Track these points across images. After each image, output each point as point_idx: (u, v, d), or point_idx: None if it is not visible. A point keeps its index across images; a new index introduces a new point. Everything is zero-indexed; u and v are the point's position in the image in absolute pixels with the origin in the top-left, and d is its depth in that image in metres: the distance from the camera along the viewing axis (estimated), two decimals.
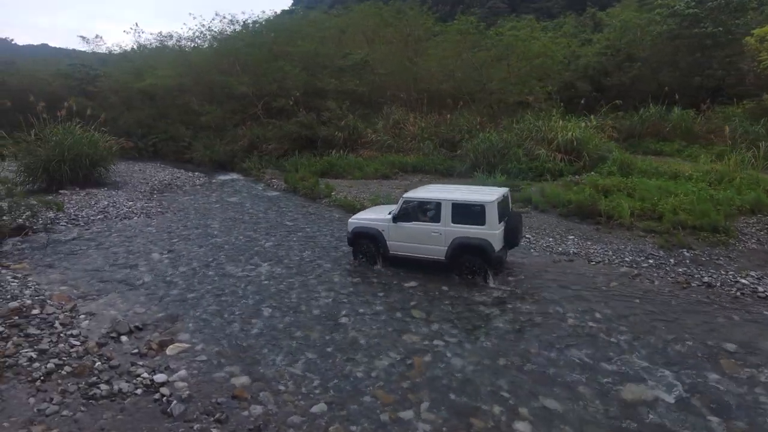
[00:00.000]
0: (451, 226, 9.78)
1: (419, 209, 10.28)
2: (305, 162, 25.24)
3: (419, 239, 10.15)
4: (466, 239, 9.64)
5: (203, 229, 14.45)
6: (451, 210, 9.74)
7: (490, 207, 9.42)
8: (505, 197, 10.39)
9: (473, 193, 10.25)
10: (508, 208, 10.58)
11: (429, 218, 10.13)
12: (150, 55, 38.43)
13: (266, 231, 14.17)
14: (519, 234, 10.41)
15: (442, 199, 9.90)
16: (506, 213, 10.17)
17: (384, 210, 11.42)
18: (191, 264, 11.40)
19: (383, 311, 8.77)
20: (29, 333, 7.75)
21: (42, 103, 20.93)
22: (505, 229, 9.83)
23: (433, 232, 9.96)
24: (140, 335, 7.90)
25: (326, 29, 33.84)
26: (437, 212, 9.94)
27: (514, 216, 10.39)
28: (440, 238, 9.90)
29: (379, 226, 10.68)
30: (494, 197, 9.59)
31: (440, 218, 9.89)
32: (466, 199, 9.76)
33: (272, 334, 7.98)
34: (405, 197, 10.43)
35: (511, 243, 10.22)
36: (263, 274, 10.73)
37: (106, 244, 12.96)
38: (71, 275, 10.65)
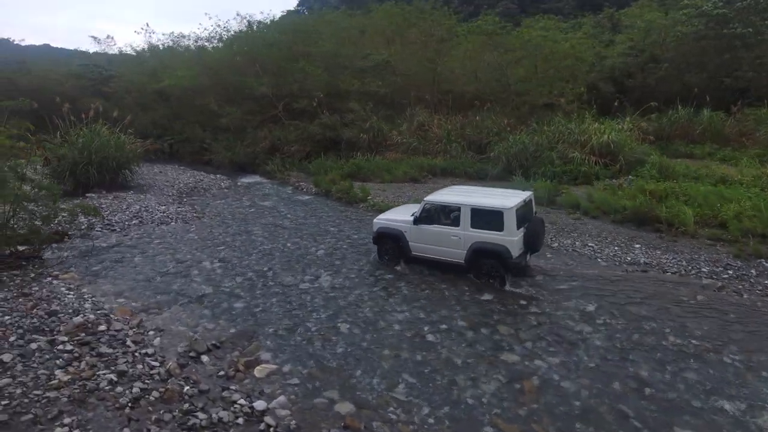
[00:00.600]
0: (470, 231, 9.84)
1: (440, 212, 10.40)
2: (331, 164, 24.76)
3: (439, 242, 10.27)
4: (485, 244, 9.69)
5: (246, 236, 13.95)
6: (471, 215, 9.80)
7: (509, 213, 9.40)
8: (528, 202, 10.31)
9: (494, 197, 10.22)
10: (531, 212, 10.50)
11: (449, 222, 10.22)
12: (165, 55, 37.83)
13: (312, 237, 13.68)
14: (540, 239, 10.37)
15: (462, 203, 9.96)
16: (527, 218, 10.08)
17: (409, 210, 11.46)
18: (246, 274, 10.91)
19: (467, 327, 8.29)
20: (101, 352, 7.26)
21: (66, 105, 20.42)
22: (525, 234, 9.75)
23: (453, 235, 10.05)
24: (219, 354, 7.41)
25: (345, 29, 33.29)
26: (457, 216, 10.02)
27: (535, 221, 10.26)
28: (459, 242, 9.99)
29: (402, 227, 10.83)
30: (513, 203, 9.56)
31: (460, 222, 9.96)
32: (486, 204, 9.76)
33: (358, 353, 7.50)
34: (426, 200, 10.54)
35: (532, 248, 10.20)
36: (325, 285, 10.24)
37: (149, 252, 12.46)
38: (124, 286, 10.15)
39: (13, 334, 7.66)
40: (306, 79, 28.97)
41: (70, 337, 7.68)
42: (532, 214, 10.48)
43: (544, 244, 12.24)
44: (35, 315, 8.24)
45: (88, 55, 56.63)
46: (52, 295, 9.14)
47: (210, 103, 30.53)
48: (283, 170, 26.06)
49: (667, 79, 29.19)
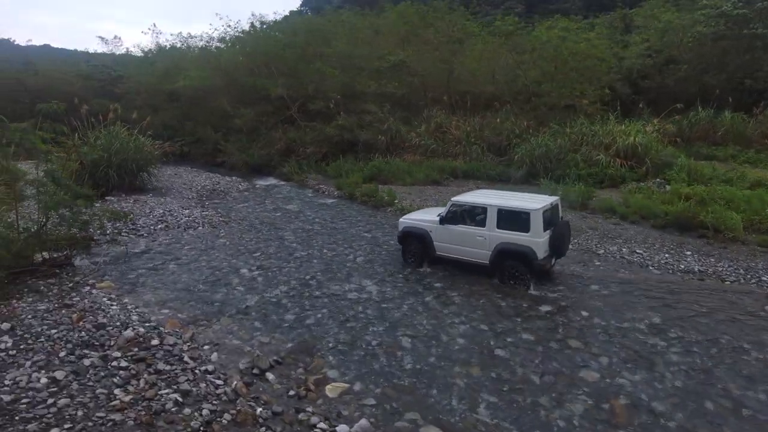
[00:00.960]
0: (496, 232, 9.85)
1: (466, 213, 10.45)
2: (349, 167, 24.40)
3: (464, 242, 10.34)
4: (510, 245, 9.70)
5: (279, 242, 13.58)
6: (497, 216, 9.82)
7: (536, 215, 9.40)
8: (554, 206, 10.26)
9: (520, 200, 10.21)
10: (558, 216, 10.42)
11: (475, 222, 10.27)
12: (177, 56, 37.42)
13: (347, 243, 13.31)
14: (566, 243, 10.35)
15: (489, 204, 10.00)
16: (554, 221, 10.05)
17: (434, 212, 11.57)
18: (289, 282, 10.54)
19: (534, 341, 7.93)
20: (159, 369, 6.89)
21: (84, 106, 20.02)
22: (550, 237, 9.70)
23: (478, 236, 10.09)
24: (283, 371, 7.04)
25: (358, 30, 32.93)
26: (483, 217, 10.06)
27: (561, 225, 10.18)
28: (485, 243, 10.02)
29: (427, 226, 10.91)
30: (541, 205, 9.56)
31: (485, 223, 9.99)
32: (512, 205, 9.78)
33: (428, 369, 7.13)
34: (453, 201, 10.65)
35: (558, 252, 10.12)
36: (374, 294, 9.88)
37: (183, 259, 12.08)
38: (165, 296, 9.78)
39: (62, 348, 7.30)
40: (322, 81, 28.63)
41: (123, 352, 7.31)
42: (558, 218, 10.39)
43: (593, 251, 11.95)
44: (83, 328, 7.86)
45: (88, 55, 56.20)
46: (96, 306, 8.76)
47: (223, 104, 30.16)
48: (300, 172, 25.68)
49: (686, 80, 28.88)
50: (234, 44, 32.62)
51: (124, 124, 20.30)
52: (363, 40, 31.37)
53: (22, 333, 7.65)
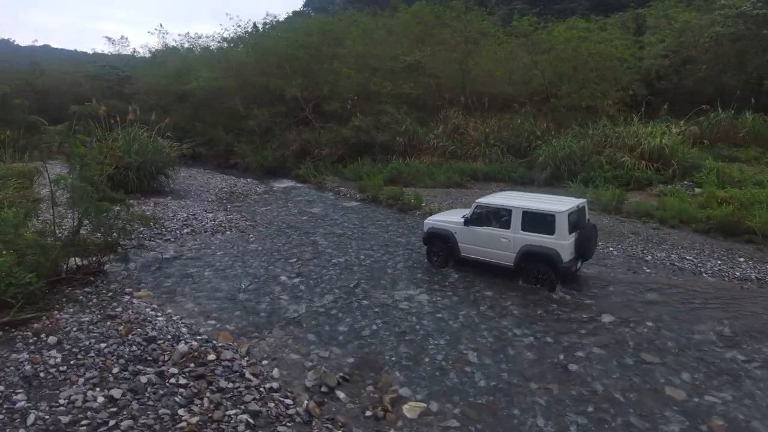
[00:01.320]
0: (521, 234, 9.82)
1: (491, 215, 10.42)
2: (368, 168, 24.05)
3: (489, 244, 10.33)
4: (535, 247, 9.65)
5: (313, 247, 13.21)
6: (522, 218, 9.80)
7: (561, 217, 9.35)
8: (581, 208, 10.19)
9: (546, 202, 10.20)
10: (584, 219, 10.34)
11: (499, 224, 10.25)
12: (189, 56, 37.00)
13: (383, 249, 12.95)
14: (592, 246, 10.29)
15: (514, 206, 9.99)
16: (580, 224, 9.98)
17: (458, 213, 11.61)
18: (333, 291, 10.17)
19: (607, 356, 7.57)
20: (222, 387, 6.52)
21: (103, 108, 19.61)
22: (576, 240, 9.64)
23: (503, 237, 10.07)
24: (353, 389, 6.68)
25: (372, 30, 32.54)
26: (508, 219, 10.03)
27: (588, 227, 10.12)
28: (509, 245, 9.99)
29: (452, 228, 10.93)
30: (566, 208, 9.53)
31: (510, 225, 9.97)
32: (538, 208, 9.75)
33: (503, 387, 6.77)
34: (478, 202, 10.68)
35: (584, 255, 10.10)
36: (425, 303, 9.52)
37: (217, 265, 11.71)
38: (208, 305, 9.41)
39: (115, 364, 6.92)
40: (337, 81, 28.26)
41: (179, 368, 6.94)
42: (584, 221, 10.31)
43: (640, 257, 11.61)
44: (132, 341, 7.49)
45: (89, 55, 55.75)
46: (141, 318, 8.38)
47: (236, 104, 29.77)
48: (316, 174, 25.32)
49: (704, 80, 28.58)
50: (246, 44, 32.17)
51: (143, 126, 19.90)
52: (377, 41, 30.95)
53: (70, 347, 7.27)
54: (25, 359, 6.92)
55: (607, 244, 12.67)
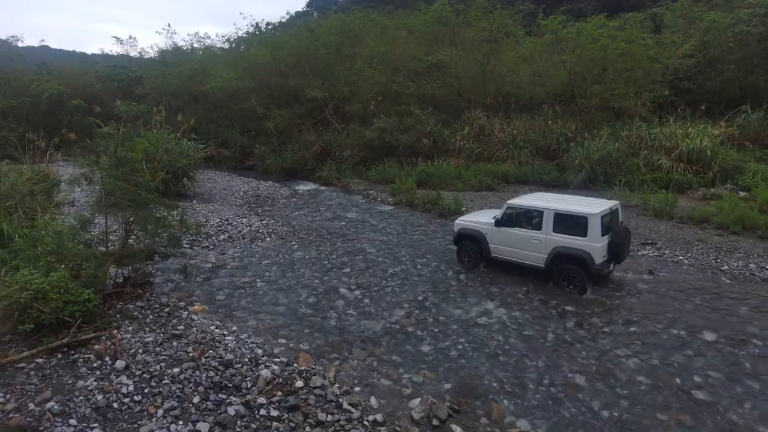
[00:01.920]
0: (552, 235, 9.77)
1: (522, 216, 10.40)
2: (395, 171, 23.40)
3: (520, 245, 10.29)
4: (567, 249, 9.60)
5: (362, 255, 12.52)
6: (553, 219, 9.73)
7: (594, 219, 9.28)
8: (614, 211, 10.08)
9: (578, 204, 10.10)
10: (617, 221, 10.19)
11: (531, 225, 10.21)
12: (206, 57, 36.25)
13: (437, 257, 12.25)
14: (625, 249, 10.10)
15: (545, 208, 9.91)
16: (613, 227, 9.83)
17: (489, 214, 11.55)
18: (401, 305, 9.50)
19: (727, 380, 6.91)
20: (320, 420, 5.84)
21: (118, 106, 18.89)
22: (609, 242, 9.57)
23: (534, 239, 10.02)
24: (466, 422, 6.00)
25: (390, 30, 31.84)
26: (539, 220, 9.99)
27: (621, 230, 9.89)
28: (540, 246, 9.94)
29: (483, 228, 10.92)
30: (599, 210, 9.46)
31: (542, 226, 9.91)
32: (570, 209, 9.69)
33: (628, 418, 6.11)
34: (509, 203, 10.64)
35: (617, 257, 9.97)
36: (505, 318, 8.85)
37: (267, 276, 11.02)
38: (271, 321, 8.73)
39: (194, 392, 6.24)
40: (359, 82, 27.58)
41: (266, 397, 6.26)
42: (618, 224, 10.13)
43: (714, 266, 10.98)
44: (208, 366, 6.80)
45: (95, 56, 54.94)
46: (208, 337, 7.69)
47: (254, 105, 29.04)
48: (339, 177, 24.64)
49: (731, 81, 28.02)
50: (263, 44, 31.43)
51: (168, 127, 19.19)
52: (398, 40, 30.25)
53: (140, 372, 6.59)
54: (95, 387, 6.24)
55: (675, 253, 12.04)
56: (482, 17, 27.84)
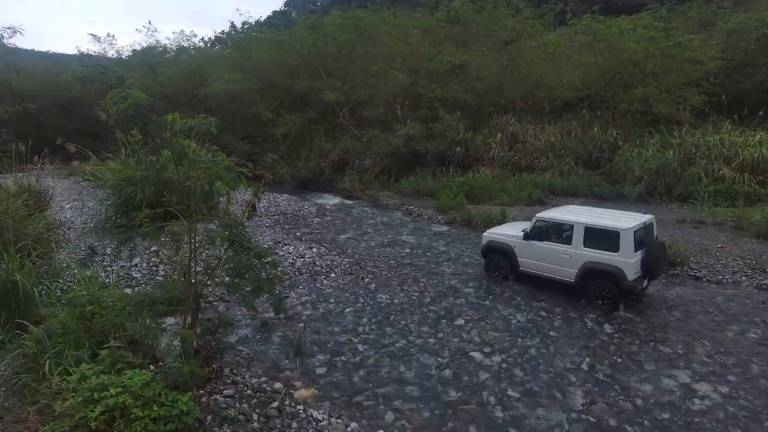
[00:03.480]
0: (583, 250, 9.52)
1: (552, 229, 10.11)
2: (428, 183, 21.22)
3: (549, 259, 10.03)
4: (598, 264, 9.33)
5: (461, 297, 10.22)
6: (584, 233, 9.49)
7: (626, 234, 9.01)
8: (648, 225, 9.71)
9: (610, 218, 9.79)
10: (651, 236, 9.85)
11: (561, 239, 9.91)
12: (204, 56, 33.18)
13: (555, 300, 10.04)
14: (659, 265, 9.73)
15: (575, 222, 9.69)
16: (647, 242, 9.49)
17: (519, 226, 11.30)
18: (565, 376, 7.28)
19: None
20: None
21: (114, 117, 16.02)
22: (643, 258, 9.19)
23: (564, 253, 9.77)
24: None
25: (405, 28, 29.53)
26: (570, 234, 9.71)
27: (655, 245, 9.61)
28: (571, 261, 9.69)
29: (512, 242, 10.69)
30: (632, 224, 9.15)
31: (572, 241, 9.64)
32: (601, 224, 9.42)
33: None
34: (538, 216, 10.39)
35: (652, 274, 9.59)
36: (727, 400, 6.72)
37: (361, 332, 8.64)
38: (415, 416, 6.37)
39: None
40: (378, 84, 25.24)
41: None
42: (652, 238, 9.82)
43: None
44: None
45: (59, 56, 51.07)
46: None
47: (259, 110, 26.31)
48: (363, 188, 22.29)
49: (763, 83, 26.90)
50: (268, 43, 28.71)
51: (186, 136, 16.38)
52: (415, 40, 27.97)
53: None
54: None
55: None
56: (509, 16, 25.92)
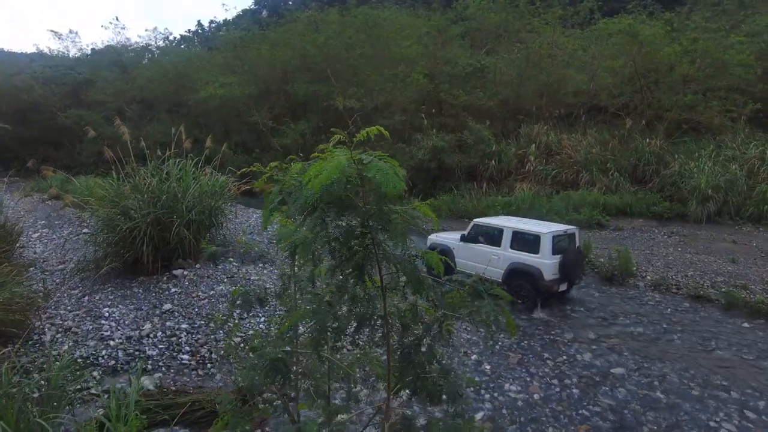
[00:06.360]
0: (509, 252, 10.46)
1: (485, 233, 11.03)
2: (466, 203, 18.51)
3: (481, 259, 10.67)
4: (520, 264, 10.20)
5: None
6: (511, 237, 10.45)
7: (545, 237, 9.89)
8: (570, 234, 10.53)
9: (535, 225, 10.75)
10: (573, 245, 10.52)
11: (492, 242, 10.79)
12: (183, 55, 29.45)
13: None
14: (576, 269, 10.37)
15: (506, 226, 10.68)
16: (566, 248, 10.19)
17: (458, 233, 11.97)
18: None
19: None
20: None
21: (124, 130, 12.61)
22: (560, 262, 9.93)
23: (494, 255, 10.64)
24: None
25: (414, 27, 26.80)
26: (499, 238, 10.64)
27: (573, 251, 10.28)
28: (499, 261, 10.56)
29: (451, 244, 11.59)
30: (552, 230, 10.14)
31: (501, 243, 10.57)
32: (526, 228, 10.38)
33: None
34: (475, 221, 11.46)
35: (569, 277, 10.24)
36: None
37: None
38: None
39: None
40: (395, 89, 22.37)
41: None
42: (573, 247, 10.47)
43: None
44: None
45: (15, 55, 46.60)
46: None
47: (259, 118, 23.02)
48: None
49: None
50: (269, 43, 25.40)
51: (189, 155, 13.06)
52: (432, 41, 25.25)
53: None
54: None
55: None
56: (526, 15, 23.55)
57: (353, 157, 2.48)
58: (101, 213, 11.24)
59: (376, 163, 2.41)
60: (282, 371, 3.21)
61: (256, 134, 24.02)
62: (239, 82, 23.16)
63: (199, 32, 75.10)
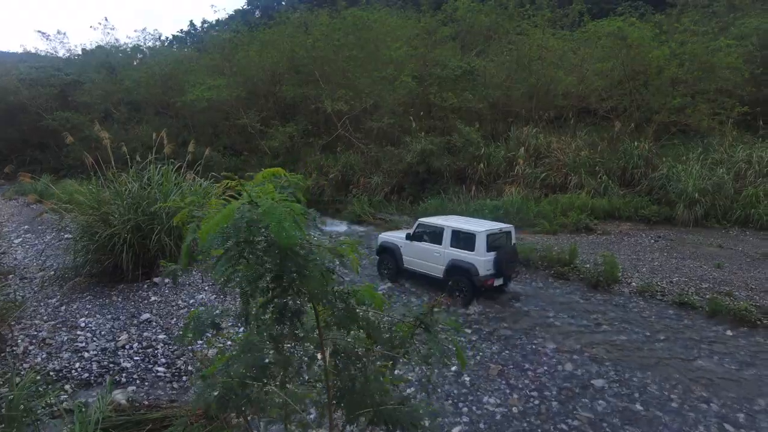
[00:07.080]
0: (449, 249, 10.94)
1: (428, 232, 11.49)
2: (454, 207, 18.40)
3: (425, 257, 11.42)
4: (458, 261, 10.72)
5: None
6: (451, 235, 10.94)
7: (480, 236, 10.41)
8: (505, 233, 11.03)
9: (473, 224, 11.30)
10: (509, 242, 11.07)
11: (434, 240, 11.28)
12: (173, 57, 29.19)
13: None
14: (509, 266, 10.89)
15: (446, 225, 11.16)
16: (501, 246, 10.72)
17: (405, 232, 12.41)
18: None
19: None
20: None
21: (105, 136, 12.47)
22: (495, 258, 10.43)
23: (435, 252, 11.19)
24: None
25: (404, 29, 26.70)
26: (441, 236, 11.13)
27: (507, 249, 10.79)
28: (440, 258, 11.08)
29: (398, 242, 12.13)
30: (485, 229, 10.63)
31: (442, 241, 11.06)
32: (464, 227, 10.89)
33: None
34: (420, 221, 11.90)
35: (504, 273, 10.72)
36: None
37: None
38: None
39: None
40: (384, 92, 22.27)
41: None
42: (508, 244, 11.01)
43: None
44: None
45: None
46: None
47: (247, 120, 22.85)
48: (373, 213, 19.31)
49: None
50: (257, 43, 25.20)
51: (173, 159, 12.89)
52: (421, 43, 25.16)
53: None
54: None
55: None
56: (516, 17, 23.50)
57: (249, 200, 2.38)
58: (81, 219, 11.07)
59: (272, 210, 2.29)
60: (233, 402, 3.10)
61: (244, 137, 23.88)
62: (228, 84, 22.94)
63: (191, 33, 74.45)
